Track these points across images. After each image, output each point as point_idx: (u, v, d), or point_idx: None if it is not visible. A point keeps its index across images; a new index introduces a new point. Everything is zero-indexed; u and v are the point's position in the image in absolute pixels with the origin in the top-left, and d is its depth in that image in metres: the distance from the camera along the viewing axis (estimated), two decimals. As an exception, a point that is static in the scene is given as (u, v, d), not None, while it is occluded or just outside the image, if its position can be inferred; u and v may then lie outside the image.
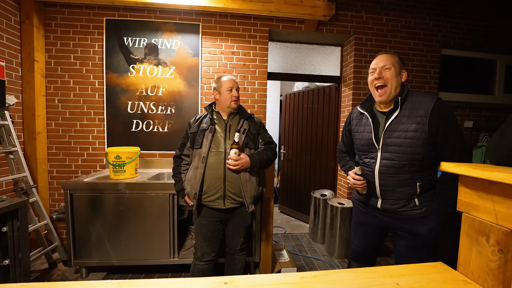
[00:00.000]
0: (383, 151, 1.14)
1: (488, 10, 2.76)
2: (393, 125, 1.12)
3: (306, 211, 3.24)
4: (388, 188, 1.16)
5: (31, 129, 2.23)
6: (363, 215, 1.32)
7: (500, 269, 0.57)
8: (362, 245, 1.35)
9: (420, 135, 1.06)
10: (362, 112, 1.26)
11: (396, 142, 1.10)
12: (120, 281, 0.61)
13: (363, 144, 1.22)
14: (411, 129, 1.08)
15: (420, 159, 1.08)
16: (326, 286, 0.60)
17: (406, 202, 1.14)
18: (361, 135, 1.24)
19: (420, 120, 1.06)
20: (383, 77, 1.11)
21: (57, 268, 2.11)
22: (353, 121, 1.31)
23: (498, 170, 0.55)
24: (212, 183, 1.41)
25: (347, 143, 1.41)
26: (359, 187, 1.22)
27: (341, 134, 1.45)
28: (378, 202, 1.21)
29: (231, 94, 1.47)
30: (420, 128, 1.06)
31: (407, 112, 1.10)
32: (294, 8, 2.27)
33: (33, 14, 2.17)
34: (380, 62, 1.13)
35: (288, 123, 3.59)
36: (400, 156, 1.10)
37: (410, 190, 1.12)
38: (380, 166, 1.15)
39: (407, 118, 1.09)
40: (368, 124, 1.21)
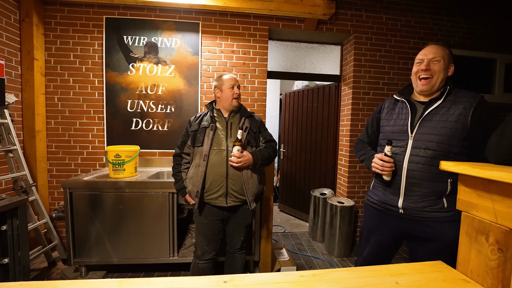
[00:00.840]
0: (416, 139, 1.07)
1: (488, 9, 2.75)
2: (432, 114, 1.07)
3: (306, 210, 3.25)
4: (415, 181, 1.07)
5: (30, 128, 2.23)
6: (378, 221, 1.22)
7: (500, 268, 0.57)
8: (374, 253, 1.24)
9: (461, 126, 1.01)
10: (398, 99, 1.20)
11: (433, 130, 1.05)
12: (119, 279, 0.61)
13: (394, 131, 1.15)
14: (452, 119, 1.03)
15: (456, 152, 1.02)
16: (326, 285, 0.60)
17: (433, 201, 1.05)
18: (394, 122, 1.17)
19: (463, 112, 1.02)
20: (431, 69, 1.07)
21: (57, 267, 2.12)
22: (384, 110, 1.25)
23: (497, 169, 0.55)
24: (214, 181, 1.41)
25: (371, 133, 1.32)
26: (387, 170, 1.10)
27: (366, 124, 1.37)
28: (399, 201, 1.11)
29: (233, 91, 1.47)
30: (462, 119, 1.02)
31: (449, 103, 1.06)
32: (294, 7, 2.26)
33: (32, 12, 2.16)
34: (429, 53, 1.08)
35: (288, 122, 3.59)
36: (435, 145, 1.03)
37: (441, 186, 1.04)
38: (410, 154, 1.08)
39: (448, 109, 1.05)
40: (405, 111, 1.14)
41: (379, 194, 1.21)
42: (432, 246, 1.07)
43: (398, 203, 1.12)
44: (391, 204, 1.15)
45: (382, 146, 1.20)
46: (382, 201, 1.19)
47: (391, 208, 1.16)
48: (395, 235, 1.18)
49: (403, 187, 1.10)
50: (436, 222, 1.06)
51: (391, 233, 1.18)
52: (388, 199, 1.16)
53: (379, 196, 1.21)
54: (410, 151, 1.09)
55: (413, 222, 1.10)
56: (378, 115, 1.29)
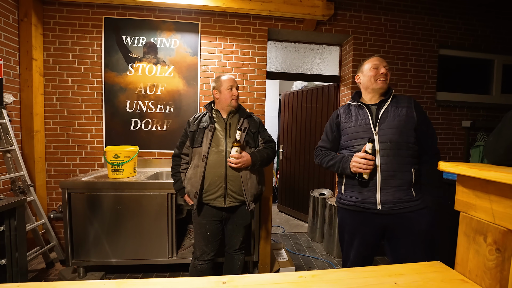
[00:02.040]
0: (381, 134, 1.20)
1: (486, 10, 2.77)
2: (386, 112, 1.24)
3: (305, 211, 3.25)
4: (389, 173, 1.17)
5: (29, 128, 2.22)
6: (358, 222, 1.25)
7: (498, 268, 0.57)
8: (360, 256, 1.27)
9: (411, 119, 1.20)
10: (352, 104, 1.35)
11: (393, 124, 1.20)
12: (118, 280, 0.61)
13: (358, 131, 1.25)
14: (402, 113, 1.22)
15: (413, 141, 1.19)
16: (325, 286, 0.60)
17: (405, 191, 1.17)
18: (355, 123, 1.28)
19: (407, 108, 1.23)
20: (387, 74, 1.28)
21: (55, 268, 2.10)
22: (342, 115, 1.35)
23: (495, 170, 0.55)
24: (213, 182, 1.41)
25: (332, 138, 1.38)
26: (369, 168, 1.14)
27: (325, 132, 1.42)
28: (377, 196, 1.17)
29: (232, 92, 1.47)
30: (409, 113, 1.21)
31: (395, 103, 1.26)
32: (293, 8, 2.27)
33: (31, 12, 2.16)
34: (383, 61, 1.29)
35: (287, 123, 3.59)
36: (397, 137, 1.18)
37: (408, 175, 1.17)
38: (380, 148, 1.19)
39: (396, 107, 1.24)
40: (363, 112, 1.28)
41: (355, 194, 1.24)
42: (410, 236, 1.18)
43: (376, 199, 1.18)
44: (369, 202, 1.20)
45: (347, 148, 1.29)
46: (360, 201, 1.22)
47: (369, 206, 1.20)
48: (376, 232, 1.24)
49: (379, 181, 1.17)
50: (409, 213, 1.17)
51: (373, 231, 1.24)
52: (366, 197, 1.21)
53: (355, 196, 1.24)
54: (379, 145, 1.19)
55: (391, 217, 1.19)
56: (337, 120, 1.37)
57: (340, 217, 1.35)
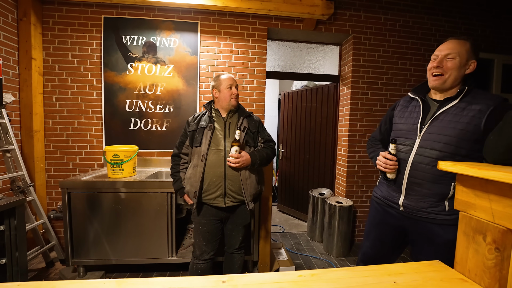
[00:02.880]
0: (424, 139, 1.05)
1: (486, 10, 2.77)
2: (445, 114, 1.03)
3: (305, 210, 3.25)
4: (416, 181, 1.06)
5: (28, 127, 2.21)
6: (380, 216, 1.23)
7: (497, 267, 0.57)
8: (375, 248, 1.25)
9: (473, 128, 0.95)
10: (412, 97, 1.17)
11: (442, 131, 1.01)
12: (117, 279, 0.61)
13: (403, 129, 1.14)
14: (464, 120, 0.97)
15: (464, 154, 0.98)
16: (324, 285, 0.60)
17: (434, 202, 1.03)
18: (404, 120, 1.15)
19: (477, 114, 0.96)
20: (443, 66, 1.03)
21: (55, 267, 2.11)
22: (398, 107, 1.24)
23: (495, 169, 0.55)
24: (212, 181, 1.41)
25: (383, 130, 1.31)
26: (390, 168, 1.10)
27: (380, 122, 1.36)
28: (401, 198, 1.12)
29: (231, 91, 1.47)
30: (475, 121, 0.95)
31: (464, 104, 1.00)
32: (293, 7, 2.26)
33: (30, 12, 2.15)
34: (445, 49, 1.05)
35: (287, 122, 3.59)
36: (442, 146, 1.00)
37: (443, 189, 1.01)
38: (416, 154, 1.06)
39: (463, 109, 0.99)
40: (417, 109, 1.12)
41: (383, 190, 1.22)
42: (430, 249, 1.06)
43: (399, 201, 1.12)
44: (393, 201, 1.16)
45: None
46: (385, 197, 1.20)
47: (392, 205, 1.17)
48: (396, 231, 1.19)
49: (404, 185, 1.10)
50: (434, 224, 1.04)
51: (392, 229, 1.19)
52: (390, 196, 1.17)
53: (383, 192, 1.22)
54: (416, 150, 1.07)
55: (412, 221, 1.10)
56: (391, 112, 1.27)
57: (370, 208, 1.34)
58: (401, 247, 1.24)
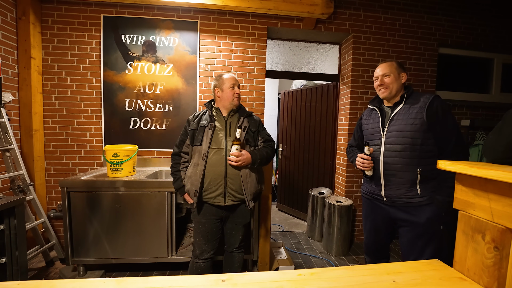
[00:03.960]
0: (387, 137, 1.31)
1: (485, 9, 2.77)
2: (397, 115, 1.31)
3: (304, 209, 3.25)
4: (390, 172, 1.29)
5: (27, 127, 2.21)
6: (370, 208, 1.45)
7: (496, 266, 0.57)
8: (371, 238, 1.47)
9: (419, 121, 1.23)
10: (371, 107, 1.46)
11: (398, 128, 1.28)
12: (117, 278, 0.61)
13: (371, 133, 1.40)
14: (411, 116, 1.25)
15: (419, 143, 1.23)
16: (323, 283, 0.60)
17: (408, 188, 1.26)
18: (370, 126, 1.42)
19: (419, 110, 1.24)
20: (385, 83, 1.33)
21: (55, 266, 2.11)
22: (364, 117, 1.51)
23: (494, 168, 0.56)
24: (213, 180, 1.41)
25: (357, 137, 1.57)
26: (367, 166, 1.35)
27: (354, 131, 1.62)
28: (382, 190, 1.34)
29: (234, 91, 1.48)
30: (419, 115, 1.23)
31: (409, 104, 1.29)
32: (293, 6, 2.26)
33: (29, 11, 2.15)
34: (380, 71, 1.35)
35: (286, 121, 3.59)
36: (401, 140, 1.26)
37: (411, 175, 1.25)
38: (384, 150, 1.31)
39: (408, 109, 1.28)
40: (376, 116, 1.40)
41: (367, 186, 1.45)
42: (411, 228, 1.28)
43: (381, 192, 1.35)
44: (377, 194, 1.38)
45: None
46: (370, 192, 1.43)
47: (377, 197, 1.39)
48: (385, 220, 1.39)
49: (382, 178, 1.33)
50: (412, 207, 1.27)
51: (382, 218, 1.40)
52: (374, 189, 1.39)
53: (367, 187, 1.45)
54: (384, 147, 1.32)
55: (395, 208, 1.32)
56: (360, 122, 1.55)
57: (362, 203, 1.56)
58: (392, 232, 1.44)
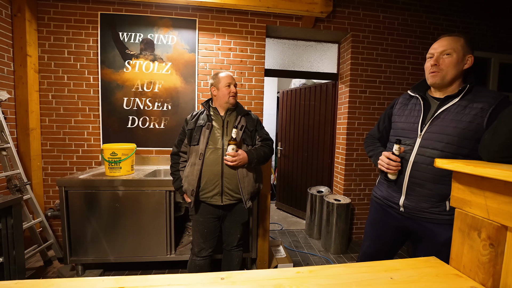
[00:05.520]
0: (425, 138, 1.03)
1: (483, 9, 2.78)
2: (445, 112, 1.00)
3: (303, 208, 3.26)
4: (417, 181, 1.04)
5: (24, 125, 2.19)
6: (380, 216, 1.22)
7: (491, 262, 0.58)
8: (375, 247, 1.26)
9: (475, 127, 0.93)
10: (412, 95, 1.15)
11: (443, 130, 0.99)
12: (116, 277, 0.61)
13: (404, 128, 1.12)
14: (466, 118, 0.95)
15: (466, 154, 0.96)
16: (322, 281, 0.61)
17: (435, 203, 1.02)
18: (404, 119, 1.13)
19: (479, 112, 0.94)
20: (440, 65, 1.01)
21: (53, 266, 2.10)
22: (397, 105, 1.21)
23: (490, 167, 0.56)
24: (209, 180, 1.41)
25: (382, 128, 1.28)
26: (393, 169, 1.08)
27: (378, 119, 1.33)
28: (401, 198, 1.10)
29: (229, 89, 1.47)
30: (477, 120, 0.93)
31: (466, 102, 0.98)
32: (292, 5, 2.25)
33: (25, 7, 2.12)
34: (439, 47, 1.02)
35: (285, 120, 3.59)
36: (444, 145, 0.98)
37: (444, 189, 0.99)
38: (417, 154, 1.05)
39: (464, 108, 0.97)
40: (417, 108, 1.09)
41: (383, 190, 1.21)
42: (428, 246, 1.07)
43: (400, 201, 1.11)
44: (393, 202, 1.15)
45: (392, 143, 1.18)
46: (385, 197, 1.19)
47: (392, 205, 1.16)
48: (396, 230, 1.19)
49: (405, 186, 1.08)
50: (434, 224, 1.03)
51: (392, 228, 1.19)
52: (391, 196, 1.16)
53: (383, 192, 1.21)
54: (417, 150, 1.05)
55: (413, 221, 1.10)
56: (390, 110, 1.24)
57: (370, 207, 1.32)
58: (400, 244, 1.24)
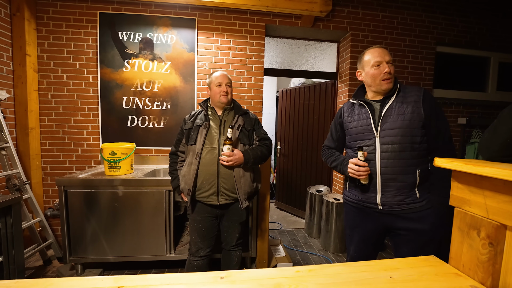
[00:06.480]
0: (382, 136, 1.13)
1: (483, 8, 2.78)
2: (390, 110, 1.14)
3: (302, 207, 3.27)
4: (389, 176, 1.12)
5: (23, 125, 2.19)
6: (359, 218, 1.25)
7: (490, 261, 0.58)
8: (360, 251, 1.27)
9: (417, 116, 1.09)
10: (354, 102, 1.26)
11: (395, 125, 1.11)
12: (115, 276, 0.61)
13: (360, 132, 1.20)
14: (408, 111, 1.11)
15: (418, 141, 1.10)
16: (321, 280, 0.61)
17: (407, 193, 1.11)
18: (357, 123, 1.22)
19: (414, 104, 1.11)
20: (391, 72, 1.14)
21: (52, 265, 2.10)
22: (345, 114, 1.30)
23: (490, 166, 0.56)
24: (205, 179, 1.41)
25: (336, 138, 1.36)
26: (363, 174, 1.13)
27: (330, 131, 1.40)
28: (378, 197, 1.15)
29: (220, 89, 1.45)
30: (416, 110, 1.10)
31: (400, 98, 1.14)
32: (291, 4, 2.25)
33: (24, 7, 2.11)
34: (385, 55, 1.15)
35: (285, 119, 3.59)
36: (400, 138, 1.10)
37: (411, 178, 1.10)
38: (381, 151, 1.13)
39: (402, 103, 1.13)
40: (364, 111, 1.20)
41: (357, 193, 1.23)
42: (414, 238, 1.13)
43: (377, 200, 1.15)
44: (370, 202, 1.18)
45: (352, 149, 1.25)
46: (361, 200, 1.21)
47: (370, 205, 1.19)
48: (377, 230, 1.22)
49: (379, 184, 1.14)
50: (413, 213, 1.12)
51: (374, 228, 1.22)
52: (366, 197, 1.19)
53: (357, 195, 1.23)
54: (380, 148, 1.13)
55: (393, 217, 1.15)
56: (340, 120, 1.33)
57: (345, 211, 1.34)
58: (382, 243, 1.29)
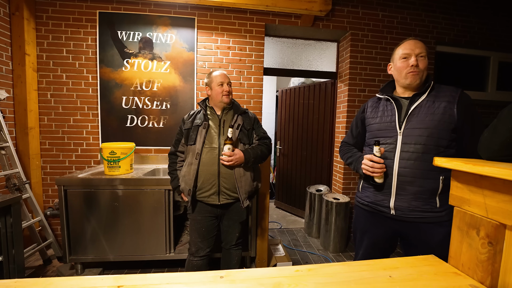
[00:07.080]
0: (405, 135, 1.05)
1: (483, 7, 2.78)
2: (419, 108, 1.05)
3: (302, 206, 3.27)
4: (407, 179, 1.03)
5: (23, 124, 2.19)
6: (370, 222, 1.18)
7: (489, 261, 0.58)
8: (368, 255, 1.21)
9: (448, 118, 1.00)
10: (381, 97, 1.18)
11: (422, 124, 1.02)
12: (115, 275, 0.61)
13: (381, 129, 1.12)
14: (438, 111, 1.02)
15: (445, 145, 1.01)
16: (321, 279, 0.61)
17: (426, 200, 1.02)
18: (380, 120, 1.14)
19: (448, 104, 1.02)
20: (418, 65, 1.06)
21: (52, 265, 2.10)
22: (368, 109, 1.22)
23: (489, 165, 0.56)
24: (206, 179, 1.41)
25: (356, 134, 1.29)
26: (378, 172, 1.05)
27: (350, 126, 1.34)
28: (391, 200, 1.07)
29: (222, 88, 1.45)
30: (448, 111, 1.01)
31: (432, 97, 1.05)
32: (291, 3, 2.25)
33: (23, 6, 2.11)
34: (416, 48, 1.06)
35: (284, 119, 3.59)
36: (425, 139, 1.01)
37: (432, 184, 1.01)
38: (401, 151, 1.04)
39: (433, 102, 1.04)
40: (390, 108, 1.12)
41: (370, 195, 1.17)
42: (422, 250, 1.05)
43: (390, 203, 1.08)
44: (382, 205, 1.11)
45: (370, 146, 1.17)
46: (373, 202, 1.15)
47: (382, 209, 1.12)
48: (388, 236, 1.15)
49: (394, 186, 1.06)
50: (427, 224, 1.03)
51: (384, 234, 1.16)
52: (379, 199, 1.12)
53: (370, 197, 1.17)
54: (400, 147, 1.05)
55: (405, 224, 1.07)
56: (362, 115, 1.26)
57: (355, 214, 1.29)
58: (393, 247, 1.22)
